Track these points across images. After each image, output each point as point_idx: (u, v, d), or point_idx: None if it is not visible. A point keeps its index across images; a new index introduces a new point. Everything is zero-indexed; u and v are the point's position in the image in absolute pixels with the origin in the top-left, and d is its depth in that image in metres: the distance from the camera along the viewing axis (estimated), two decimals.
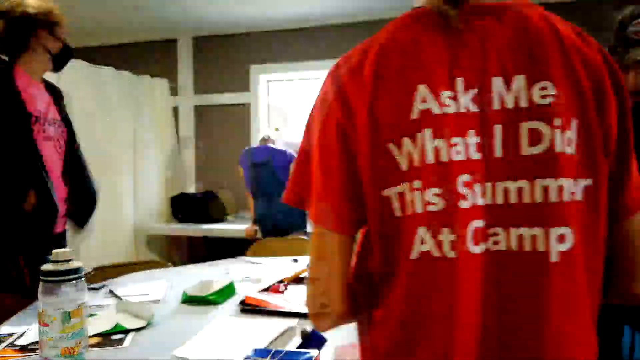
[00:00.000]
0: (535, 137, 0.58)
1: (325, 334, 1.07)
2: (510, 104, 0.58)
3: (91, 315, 1.29)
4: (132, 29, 4.09)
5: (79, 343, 0.97)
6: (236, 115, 4.18)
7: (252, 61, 4.12)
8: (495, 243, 0.58)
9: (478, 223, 0.58)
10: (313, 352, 0.99)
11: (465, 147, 0.58)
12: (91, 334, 1.14)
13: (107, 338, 1.17)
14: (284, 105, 3.92)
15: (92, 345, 1.11)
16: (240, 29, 4.06)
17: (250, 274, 1.84)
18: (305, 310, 1.29)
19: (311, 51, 3.93)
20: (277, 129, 4.09)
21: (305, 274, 1.72)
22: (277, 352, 1.00)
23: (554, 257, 0.57)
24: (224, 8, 3.62)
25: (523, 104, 0.58)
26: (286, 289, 1.54)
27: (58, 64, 1.71)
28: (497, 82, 0.59)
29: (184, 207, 3.89)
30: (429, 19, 0.62)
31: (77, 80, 3.08)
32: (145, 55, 4.31)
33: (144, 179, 3.84)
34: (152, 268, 2.03)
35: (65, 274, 0.96)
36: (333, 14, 3.72)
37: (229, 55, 4.18)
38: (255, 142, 4.13)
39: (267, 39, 4.06)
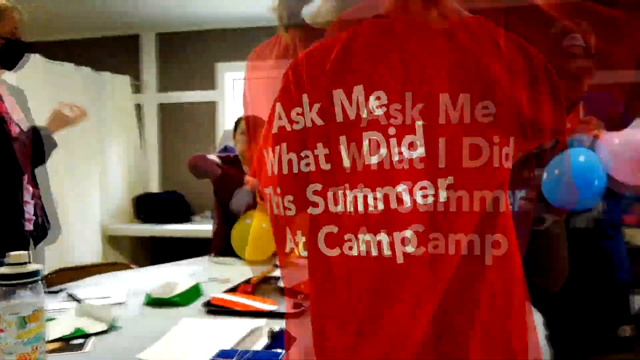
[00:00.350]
0: (475, 152, 0.62)
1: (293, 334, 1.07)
2: (455, 120, 0.63)
3: (50, 319, 1.24)
4: (93, 24, 3.98)
5: (36, 349, 0.94)
6: (202, 113, 4.12)
7: (218, 59, 4.07)
8: (435, 247, 0.62)
9: (418, 227, 0.62)
10: (280, 353, 0.99)
11: (409, 156, 0.63)
12: (50, 339, 1.10)
13: (67, 343, 1.13)
14: None
15: (51, 351, 1.07)
16: (206, 26, 4.01)
17: (216, 274, 1.81)
18: (272, 309, 1.29)
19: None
20: None
21: (273, 274, 1.72)
22: (244, 352, 0.99)
23: (488, 261, 0.63)
24: (189, 4, 3.56)
25: (467, 120, 0.63)
26: (253, 289, 1.53)
27: (5, 62, 1.63)
28: (444, 99, 0.63)
29: (148, 207, 3.81)
30: (388, 32, 0.67)
31: (33, 76, 2.97)
32: (107, 52, 4.19)
33: (106, 178, 3.73)
34: (114, 270, 1.98)
35: (20, 277, 0.93)
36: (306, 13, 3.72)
37: (194, 52, 4.12)
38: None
39: (234, 36, 4.02)
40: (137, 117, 4.14)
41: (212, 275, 1.80)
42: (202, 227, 3.55)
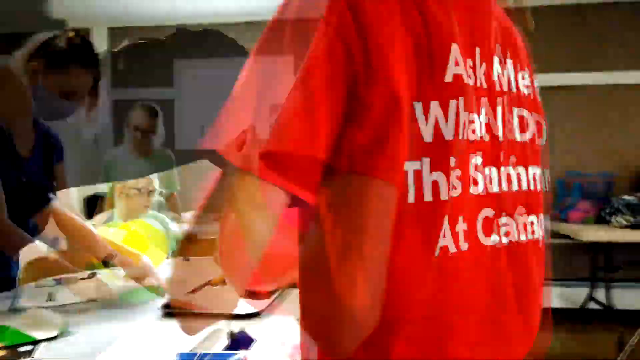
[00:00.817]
0: (523, 124, 0.58)
1: (253, 334, 1.06)
2: (505, 87, 0.56)
3: None
4: (40, 16, 3.80)
5: None
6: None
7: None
8: (506, 234, 0.55)
9: (488, 212, 0.53)
10: (241, 354, 0.98)
11: (479, 126, 0.52)
12: None
13: (13, 351, 1.08)
14: None
15: None
16: (161, 22, 3.91)
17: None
18: (232, 310, 1.28)
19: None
20: (202, 127, 3.99)
21: None
22: (203, 355, 0.97)
23: (540, 244, 0.59)
24: None
25: (514, 89, 0.57)
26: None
27: None
28: (496, 63, 0.55)
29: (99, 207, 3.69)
30: None
31: None
32: None
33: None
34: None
35: None
36: (261, 10, 3.69)
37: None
38: (180, 140, 3.98)
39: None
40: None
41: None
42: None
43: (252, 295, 1.43)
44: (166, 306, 1.34)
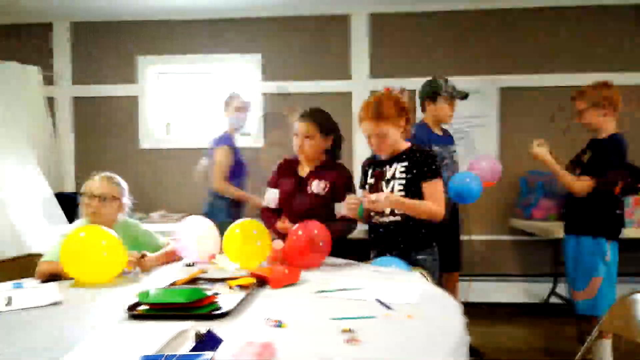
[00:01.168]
0: None
1: (221, 335, 1.04)
2: None
3: None
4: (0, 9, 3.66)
5: None
6: (122, 108, 3.92)
7: (139, 52, 3.89)
8: None
9: None
10: (207, 355, 0.96)
11: None
12: None
13: None
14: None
15: None
16: (126, 17, 3.82)
17: (140, 277, 1.74)
18: (199, 311, 1.25)
19: (207, 44, 3.82)
20: (168, 124, 3.94)
21: (203, 275, 1.67)
22: (170, 357, 0.95)
23: None
24: None
25: None
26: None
27: None
28: None
29: (61, 208, 3.57)
30: None
31: None
32: (15, 40, 3.88)
33: (12, 177, 3.43)
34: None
35: None
36: (231, 7, 3.66)
37: (112, 44, 3.91)
38: (144, 137, 3.93)
39: (158, 29, 3.87)
40: (50, 112, 3.86)
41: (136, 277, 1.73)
42: None
43: None
44: (131, 308, 1.30)
